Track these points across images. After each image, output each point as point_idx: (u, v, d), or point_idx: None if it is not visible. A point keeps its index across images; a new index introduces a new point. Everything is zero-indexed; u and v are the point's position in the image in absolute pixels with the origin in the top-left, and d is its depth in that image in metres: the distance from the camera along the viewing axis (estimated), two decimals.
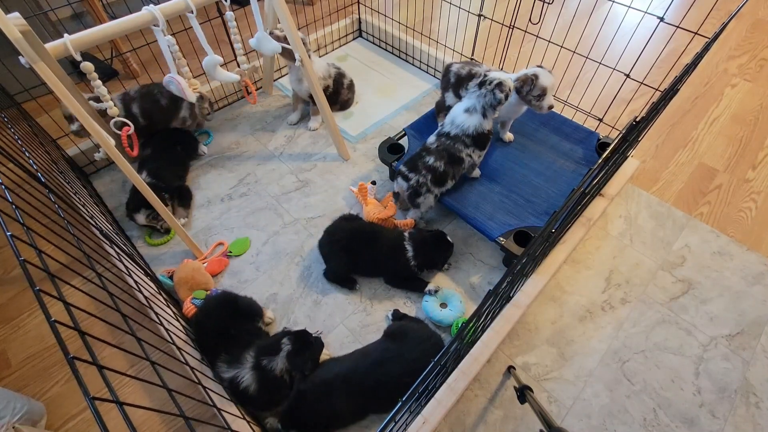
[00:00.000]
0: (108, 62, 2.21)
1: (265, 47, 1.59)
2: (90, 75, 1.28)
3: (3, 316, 1.43)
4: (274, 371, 1.08)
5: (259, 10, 1.51)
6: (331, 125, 1.77)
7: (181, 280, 1.38)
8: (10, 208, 0.68)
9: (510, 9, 1.75)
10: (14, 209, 0.68)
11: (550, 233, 0.95)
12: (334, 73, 1.91)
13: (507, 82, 1.38)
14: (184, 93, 1.44)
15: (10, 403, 1.07)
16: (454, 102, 1.79)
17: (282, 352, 1.10)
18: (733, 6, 1.23)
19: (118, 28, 1.24)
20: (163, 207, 1.41)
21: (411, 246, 1.41)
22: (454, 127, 1.44)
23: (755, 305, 1.43)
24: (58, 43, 1.17)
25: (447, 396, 1.10)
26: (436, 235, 1.45)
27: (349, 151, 1.90)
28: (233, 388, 1.10)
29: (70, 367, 0.48)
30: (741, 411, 1.23)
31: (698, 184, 1.80)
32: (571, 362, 1.32)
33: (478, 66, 1.69)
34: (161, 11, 1.27)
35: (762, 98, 2.15)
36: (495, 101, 1.38)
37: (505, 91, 1.37)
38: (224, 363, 1.13)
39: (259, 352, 1.11)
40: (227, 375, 1.11)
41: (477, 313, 0.75)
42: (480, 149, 1.47)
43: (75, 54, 1.19)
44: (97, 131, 1.24)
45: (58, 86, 1.15)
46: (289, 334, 1.14)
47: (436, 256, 1.45)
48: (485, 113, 1.41)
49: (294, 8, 2.56)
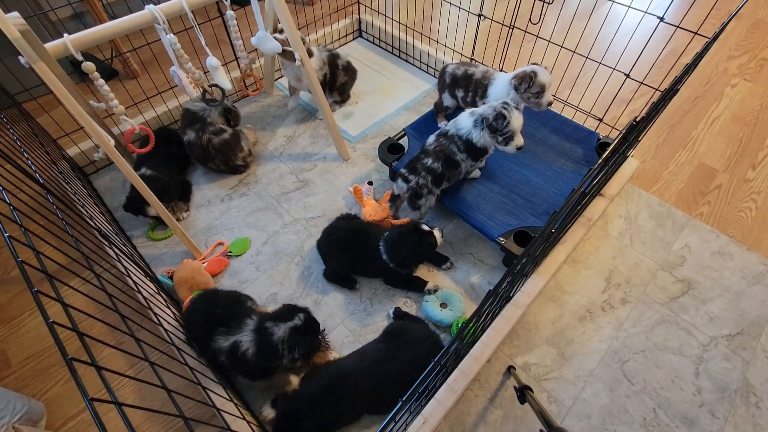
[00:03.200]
0: (108, 62, 2.21)
1: (266, 46, 1.59)
2: (92, 75, 1.28)
3: (3, 316, 1.43)
4: (273, 336, 1.09)
5: (259, 9, 1.52)
6: (331, 125, 1.77)
7: (180, 280, 1.38)
8: (7, 209, 0.68)
9: (510, 9, 1.75)
10: (12, 210, 0.67)
11: (550, 233, 0.95)
12: (326, 56, 1.86)
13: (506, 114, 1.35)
14: (184, 88, 1.45)
15: (10, 403, 1.07)
16: (452, 103, 1.79)
17: (290, 322, 1.10)
18: (733, 6, 1.23)
19: (118, 27, 1.24)
20: (161, 206, 1.41)
21: (384, 247, 1.37)
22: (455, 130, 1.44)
23: (755, 305, 1.43)
24: (58, 42, 1.17)
25: (447, 396, 1.10)
26: (406, 230, 1.35)
27: (349, 151, 1.90)
28: (232, 355, 1.11)
29: (69, 369, 0.48)
30: (741, 411, 1.23)
31: (698, 184, 1.79)
32: (571, 362, 1.32)
33: (474, 66, 1.69)
34: (161, 11, 1.27)
35: (762, 98, 2.15)
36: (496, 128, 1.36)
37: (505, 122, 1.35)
38: (222, 335, 1.13)
39: (266, 316, 1.14)
40: (227, 344, 1.12)
41: (477, 313, 0.75)
42: (473, 159, 1.46)
43: (75, 54, 1.19)
44: (96, 131, 1.24)
45: (57, 86, 1.14)
46: (305, 313, 1.14)
47: (406, 252, 1.34)
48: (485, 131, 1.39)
49: (294, 8, 2.56)
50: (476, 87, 1.66)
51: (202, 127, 1.67)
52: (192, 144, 1.69)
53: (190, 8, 1.32)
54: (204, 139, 1.67)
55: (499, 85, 1.59)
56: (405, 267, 1.39)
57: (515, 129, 1.36)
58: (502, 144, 1.39)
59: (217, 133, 1.69)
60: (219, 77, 1.51)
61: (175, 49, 1.36)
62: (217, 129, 1.69)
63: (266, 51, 1.62)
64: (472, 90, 1.67)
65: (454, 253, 1.56)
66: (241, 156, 1.76)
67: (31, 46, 1.10)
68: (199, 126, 1.67)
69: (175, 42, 1.35)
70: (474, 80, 1.66)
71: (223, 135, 1.70)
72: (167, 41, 1.34)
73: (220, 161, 1.73)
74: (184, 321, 1.24)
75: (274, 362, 1.12)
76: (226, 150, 1.71)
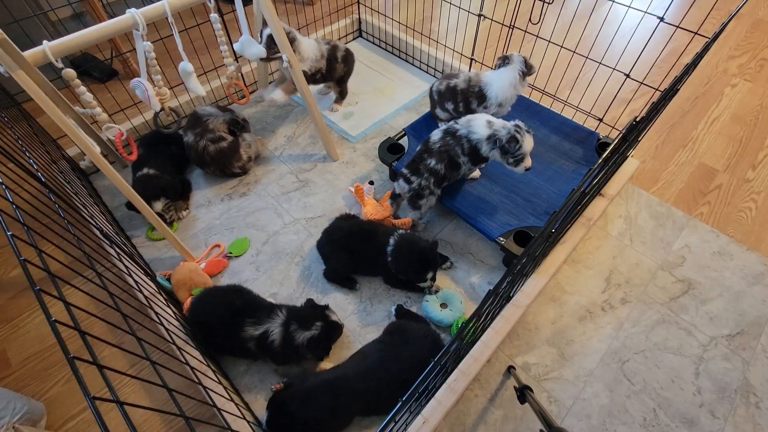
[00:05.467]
0: (108, 62, 2.21)
1: (249, 51, 1.55)
2: (73, 82, 1.25)
3: (3, 316, 1.43)
4: (296, 341, 1.19)
5: (243, 12, 1.48)
6: (320, 124, 1.75)
7: (179, 282, 1.38)
8: (10, 207, 0.68)
9: (510, 9, 1.75)
10: (15, 209, 0.68)
11: (550, 233, 0.95)
12: (326, 50, 1.81)
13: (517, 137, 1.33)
14: (149, 100, 1.40)
15: (10, 403, 1.07)
16: (446, 116, 1.77)
17: (308, 332, 1.20)
18: (733, 6, 1.23)
19: (99, 33, 1.20)
20: (152, 213, 1.39)
21: (392, 248, 1.36)
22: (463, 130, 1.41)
23: (755, 305, 1.43)
24: (36, 50, 1.14)
25: (447, 396, 1.10)
26: (421, 249, 1.33)
27: (348, 151, 1.90)
28: (261, 342, 1.20)
29: (71, 367, 0.48)
30: (741, 411, 1.23)
31: (698, 184, 1.80)
32: (571, 362, 1.32)
33: (455, 77, 1.67)
34: (143, 15, 1.23)
35: (762, 98, 2.15)
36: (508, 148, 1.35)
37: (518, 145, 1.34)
38: (251, 325, 1.21)
39: (292, 314, 1.23)
40: (257, 332, 1.20)
41: (477, 313, 0.75)
42: (473, 164, 1.45)
43: (54, 61, 1.16)
44: (80, 139, 1.21)
45: (38, 94, 1.12)
46: (325, 320, 1.24)
47: (411, 269, 1.34)
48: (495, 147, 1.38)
49: (294, 8, 2.56)
50: (465, 96, 1.64)
51: (201, 133, 1.66)
52: (189, 147, 1.69)
53: (172, 11, 1.28)
54: (200, 145, 1.66)
55: (499, 84, 1.58)
56: (402, 277, 1.41)
57: (526, 152, 1.35)
58: (511, 165, 1.38)
59: (215, 140, 1.66)
60: (192, 84, 1.47)
61: (149, 57, 1.33)
62: (216, 137, 1.67)
63: (250, 56, 1.57)
64: (461, 101, 1.66)
65: (454, 253, 1.56)
66: (237, 165, 1.74)
67: (9, 55, 1.07)
68: (200, 131, 1.66)
69: (150, 50, 1.31)
70: (459, 91, 1.65)
71: (220, 143, 1.67)
72: (141, 49, 1.29)
73: (216, 168, 1.73)
74: (193, 315, 1.28)
75: (298, 355, 1.23)
76: (222, 159, 1.70)
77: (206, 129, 1.66)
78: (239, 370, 1.30)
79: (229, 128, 1.71)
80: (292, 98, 2.09)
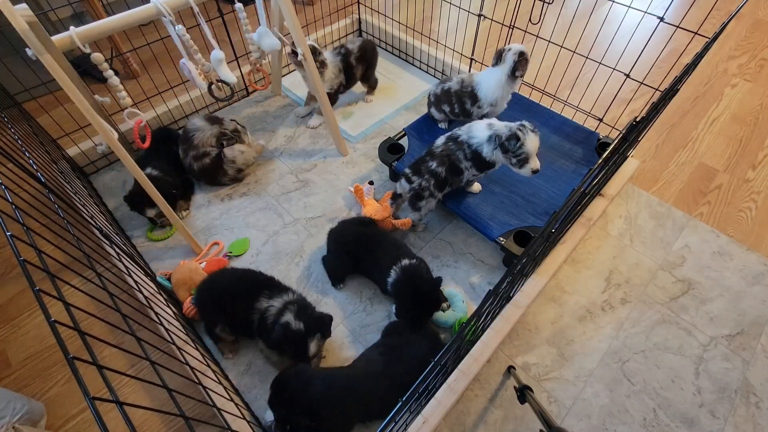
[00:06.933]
0: (108, 62, 2.21)
1: (266, 43, 1.58)
2: (101, 66, 1.30)
3: (3, 316, 1.43)
4: (277, 321, 1.20)
5: (263, 5, 1.52)
6: (331, 122, 1.76)
7: (179, 282, 1.38)
8: (9, 207, 0.68)
9: (510, 9, 1.75)
10: (14, 209, 0.67)
11: (550, 233, 0.95)
12: (340, 62, 1.83)
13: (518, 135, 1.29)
14: (194, 80, 1.46)
15: (10, 403, 1.07)
16: (441, 117, 1.79)
17: (292, 321, 1.18)
18: (733, 6, 1.24)
19: (124, 21, 1.25)
20: (164, 202, 1.41)
21: (393, 282, 1.30)
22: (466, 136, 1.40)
23: (755, 305, 1.43)
24: (64, 35, 1.18)
25: (447, 396, 1.10)
26: (423, 293, 1.25)
27: (349, 150, 1.90)
28: (262, 319, 1.21)
29: (70, 367, 0.48)
30: (741, 411, 1.23)
31: (698, 184, 1.80)
32: (571, 362, 1.32)
33: (449, 80, 1.69)
34: (167, 4, 1.29)
35: (762, 98, 2.15)
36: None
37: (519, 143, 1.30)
38: (266, 297, 1.24)
39: (298, 302, 1.24)
40: (264, 306, 1.22)
41: (477, 313, 0.75)
42: (477, 170, 1.43)
43: (82, 46, 1.20)
44: (100, 124, 1.24)
45: (63, 79, 1.15)
46: (316, 323, 1.21)
47: (409, 313, 1.27)
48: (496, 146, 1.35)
49: (294, 8, 2.55)
50: (459, 97, 1.66)
51: (186, 149, 1.65)
52: (182, 159, 1.70)
53: (195, 1, 1.33)
54: (186, 162, 1.67)
55: (487, 84, 1.59)
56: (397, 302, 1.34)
57: (530, 151, 1.28)
58: (516, 166, 1.33)
59: (198, 158, 1.64)
60: (223, 71, 1.51)
61: (185, 39, 1.36)
62: (199, 153, 1.63)
63: (265, 48, 1.61)
64: (456, 102, 1.68)
65: (454, 253, 1.56)
66: (225, 179, 1.74)
67: (38, 38, 1.10)
68: (186, 146, 1.65)
69: (184, 33, 1.35)
70: (452, 93, 1.66)
71: (204, 160, 1.64)
72: (175, 32, 1.34)
73: (205, 182, 1.75)
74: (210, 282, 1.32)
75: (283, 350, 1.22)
76: (207, 175, 1.70)
77: (191, 145, 1.63)
78: (239, 370, 1.30)
79: (219, 142, 1.67)
80: (292, 98, 2.10)
